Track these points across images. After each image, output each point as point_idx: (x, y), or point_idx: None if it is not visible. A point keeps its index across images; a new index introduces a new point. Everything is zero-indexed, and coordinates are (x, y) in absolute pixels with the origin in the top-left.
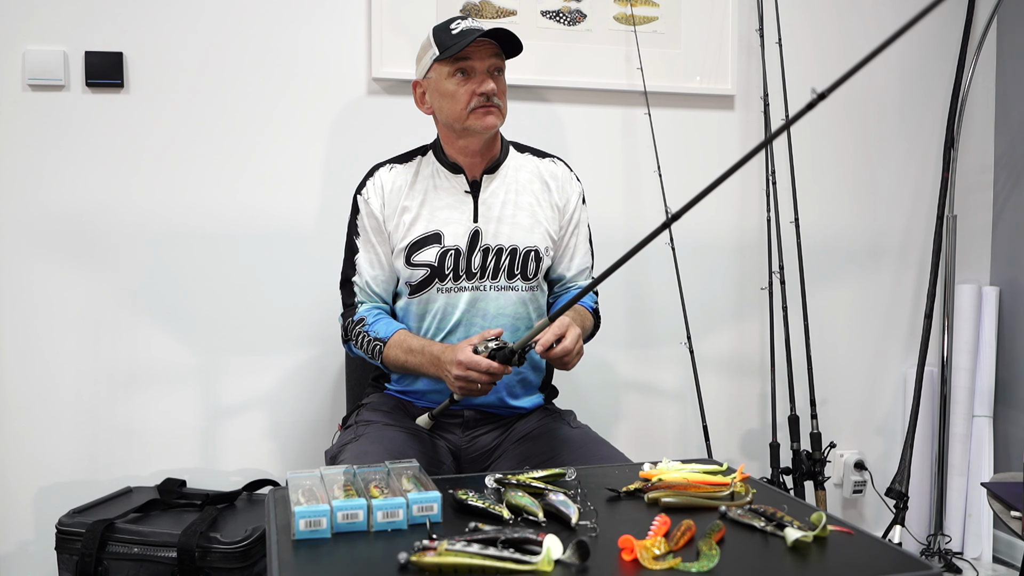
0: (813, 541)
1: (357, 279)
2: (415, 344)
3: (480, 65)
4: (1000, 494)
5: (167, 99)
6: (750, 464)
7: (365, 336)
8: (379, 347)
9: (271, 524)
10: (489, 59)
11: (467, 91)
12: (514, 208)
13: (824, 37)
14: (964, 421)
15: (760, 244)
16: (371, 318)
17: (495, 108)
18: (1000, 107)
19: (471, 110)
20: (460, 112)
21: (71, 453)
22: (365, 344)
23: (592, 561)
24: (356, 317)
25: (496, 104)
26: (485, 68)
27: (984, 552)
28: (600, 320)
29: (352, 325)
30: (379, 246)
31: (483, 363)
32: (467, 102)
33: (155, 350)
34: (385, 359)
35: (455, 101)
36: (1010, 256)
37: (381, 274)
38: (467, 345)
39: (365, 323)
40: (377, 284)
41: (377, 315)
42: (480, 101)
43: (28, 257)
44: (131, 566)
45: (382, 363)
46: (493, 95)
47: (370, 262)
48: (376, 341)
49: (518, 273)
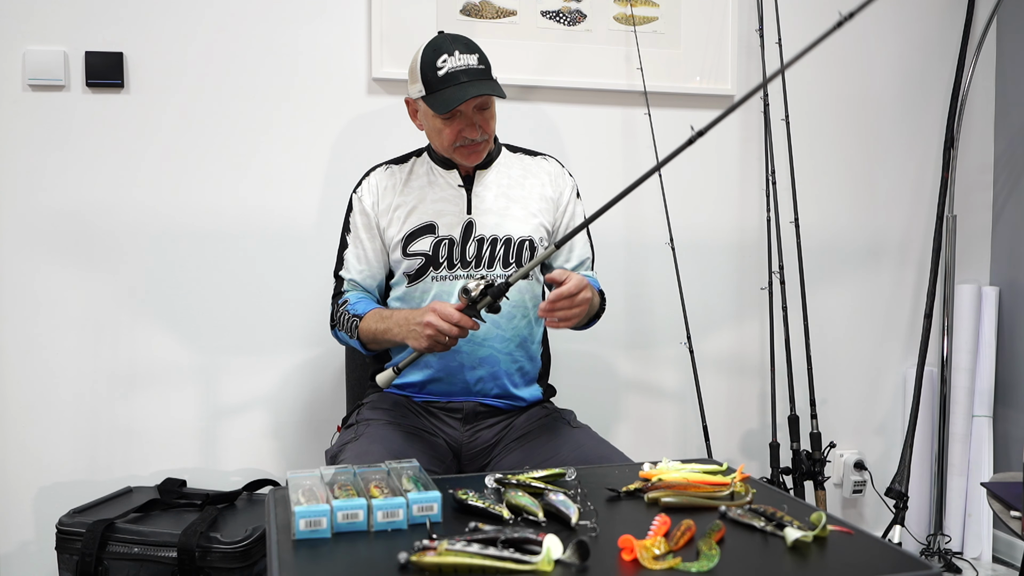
0: (813, 541)
1: (344, 273)
2: (387, 312)
3: (466, 108)
4: (1000, 494)
5: (167, 99)
6: (750, 464)
7: (346, 315)
8: (356, 322)
9: (271, 524)
10: (474, 101)
11: (452, 131)
12: (507, 201)
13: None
14: (964, 421)
15: (760, 244)
16: (354, 299)
17: (479, 146)
18: (1000, 107)
19: (455, 147)
20: (446, 147)
21: (71, 453)
22: (345, 323)
23: (592, 561)
24: (341, 300)
25: (480, 142)
26: (470, 110)
27: (984, 552)
28: (605, 303)
29: (337, 308)
30: (367, 243)
31: (454, 315)
32: (452, 141)
33: (155, 350)
34: (361, 332)
35: (441, 137)
36: (1010, 256)
37: (367, 269)
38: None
39: (348, 304)
40: (362, 279)
41: (360, 298)
42: (465, 142)
43: (28, 257)
44: (131, 566)
45: (359, 339)
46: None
47: (357, 257)
48: (354, 317)
49: (513, 262)
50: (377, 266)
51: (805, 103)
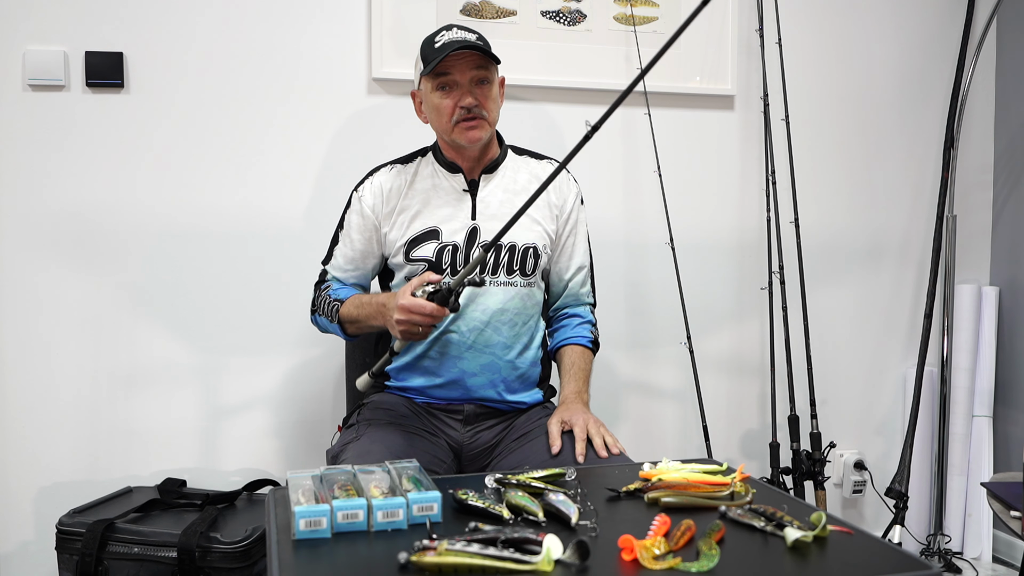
0: (813, 541)
1: (329, 268)
2: (365, 298)
3: (461, 78)
4: (1000, 494)
5: (167, 99)
6: (750, 464)
7: (327, 300)
8: (336, 307)
9: (271, 524)
10: (471, 71)
11: (449, 104)
12: (511, 207)
13: (824, 37)
14: (964, 421)
15: (760, 244)
16: (336, 285)
17: (478, 120)
18: (1000, 107)
19: (455, 123)
20: (446, 125)
21: (71, 453)
22: (326, 307)
23: (592, 561)
24: (323, 286)
25: (479, 115)
26: (467, 80)
27: (984, 552)
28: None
29: (320, 294)
30: (358, 244)
31: (427, 306)
32: (450, 116)
33: (155, 350)
34: (341, 316)
35: (440, 114)
36: (1010, 256)
37: (352, 269)
38: (408, 289)
39: (330, 288)
40: (346, 277)
41: (342, 285)
42: (462, 114)
43: (28, 257)
44: (131, 566)
45: (339, 324)
46: (475, 107)
47: (344, 256)
48: (335, 302)
49: (516, 269)
50: (364, 268)
51: (805, 103)
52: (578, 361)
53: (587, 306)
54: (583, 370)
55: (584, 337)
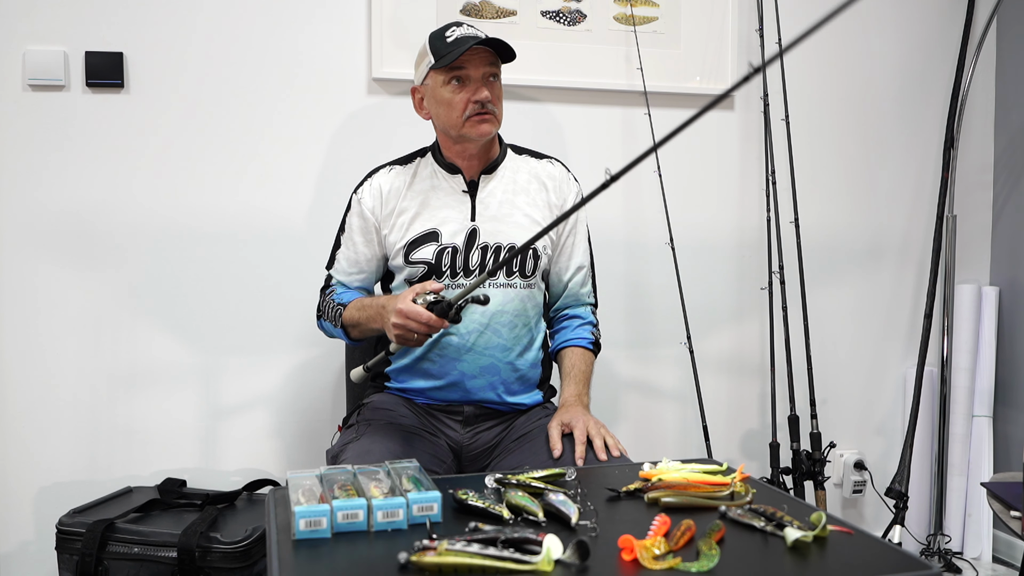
0: (813, 541)
1: (333, 272)
2: (367, 301)
3: (475, 73)
4: (1000, 494)
5: (167, 99)
6: (750, 464)
7: (332, 304)
8: (340, 311)
9: (271, 524)
10: (484, 67)
11: (462, 99)
12: (511, 208)
13: (824, 37)
14: (964, 421)
15: (760, 244)
16: (340, 289)
17: (490, 115)
18: (1000, 107)
19: (467, 118)
20: (456, 120)
21: (71, 453)
22: (330, 312)
23: (592, 561)
24: (328, 290)
25: (491, 111)
26: (480, 75)
27: (984, 552)
28: (600, 346)
29: (324, 298)
30: (360, 246)
31: (424, 315)
32: (463, 110)
33: (155, 350)
34: (344, 320)
35: (451, 109)
36: (1010, 256)
37: (356, 272)
38: (409, 294)
39: (334, 293)
40: (350, 280)
41: (346, 289)
42: (475, 109)
43: (28, 257)
44: (131, 566)
45: (343, 327)
46: (488, 102)
47: (347, 259)
48: (339, 306)
49: (516, 270)
50: (368, 270)
51: (805, 103)
52: (578, 363)
53: (588, 306)
54: (583, 372)
55: (585, 338)
